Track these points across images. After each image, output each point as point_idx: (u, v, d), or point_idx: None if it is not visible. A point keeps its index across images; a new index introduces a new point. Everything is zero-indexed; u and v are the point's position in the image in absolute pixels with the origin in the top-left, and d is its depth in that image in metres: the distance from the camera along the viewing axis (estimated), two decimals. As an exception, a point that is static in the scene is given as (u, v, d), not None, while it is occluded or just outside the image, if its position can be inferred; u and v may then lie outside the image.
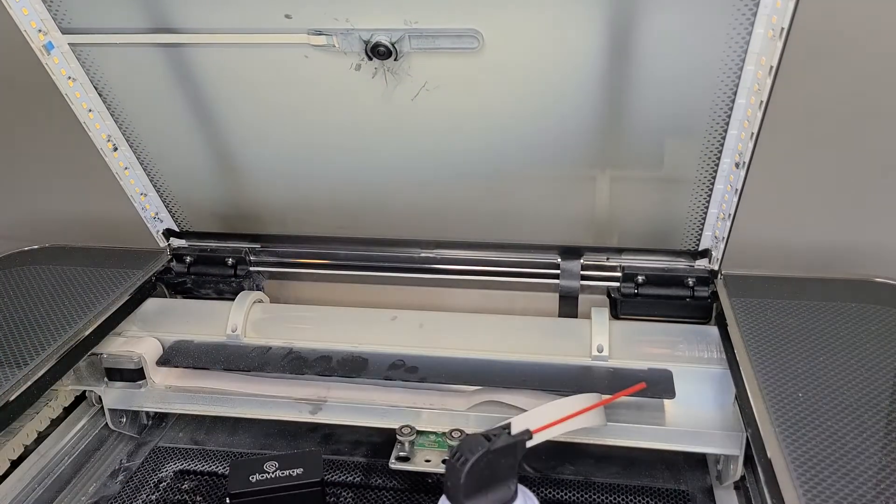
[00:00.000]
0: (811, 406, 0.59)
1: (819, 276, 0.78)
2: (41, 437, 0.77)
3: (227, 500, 0.63)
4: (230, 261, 0.89)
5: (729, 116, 0.66)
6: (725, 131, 0.68)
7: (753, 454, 0.59)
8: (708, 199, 0.74)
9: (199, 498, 0.74)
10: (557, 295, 0.84)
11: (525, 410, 0.69)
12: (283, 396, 0.77)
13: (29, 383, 0.67)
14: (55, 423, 0.79)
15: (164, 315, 0.86)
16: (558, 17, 0.62)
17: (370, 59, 0.66)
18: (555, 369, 0.74)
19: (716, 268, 0.79)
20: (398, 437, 0.71)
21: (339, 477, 0.75)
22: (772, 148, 0.72)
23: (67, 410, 0.81)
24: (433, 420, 0.73)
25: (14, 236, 0.96)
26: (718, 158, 0.70)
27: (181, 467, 0.78)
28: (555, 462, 0.75)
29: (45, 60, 0.72)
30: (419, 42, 0.65)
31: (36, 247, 0.92)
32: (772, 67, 0.60)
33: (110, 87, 0.75)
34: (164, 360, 0.80)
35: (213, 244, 0.91)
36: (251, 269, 0.90)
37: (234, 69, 0.71)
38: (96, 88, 0.75)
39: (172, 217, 0.89)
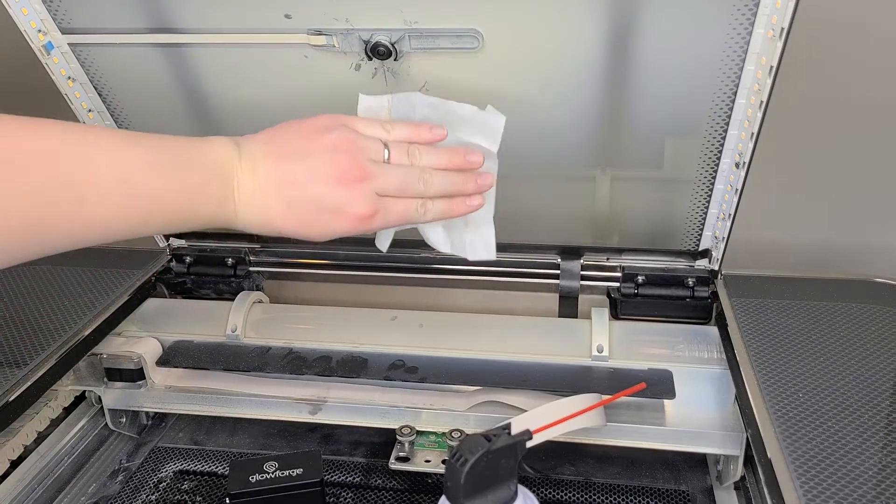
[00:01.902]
0: (811, 406, 0.59)
1: (819, 276, 0.78)
2: (41, 437, 0.77)
3: (227, 501, 0.63)
4: (230, 261, 0.89)
5: (729, 116, 0.66)
6: (725, 131, 0.68)
7: (753, 454, 0.59)
8: (708, 199, 0.74)
9: (198, 498, 0.74)
10: (557, 295, 0.84)
11: (525, 410, 0.69)
12: (283, 396, 0.77)
13: (29, 383, 0.67)
14: (55, 423, 0.79)
15: (164, 315, 0.86)
16: (558, 17, 0.62)
17: (370, 59, 0.66)
18: (555, 369, 0.74)
19: (716, 268, 0.79)
20: (398, 437, 0.71)
21: (339, 477, 0.75)
22: (772, 148, 0.72)
23: (67, 410, 0.81)
24: (433, 420, 0.73)
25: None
26: (718, 158, 0.70)
27: (181, 467, 0.78)
28: (555, 462, 0.75)
29: (45, 60, 0.72)
30: (419, 42, 0.65)
31: (36, 247, 0.92)
32: (772, 67, 0.60)
33: (110, 87, 0.75)
34: (164, 360, 0.80)
35: (212, 244, 0.91)
36: (251, 269, 0.90)
37: (234, 69, 0.71)
38: (96, 88, 0.75)
39: (172, 217, 0.89)
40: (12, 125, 0.45)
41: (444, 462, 0.69)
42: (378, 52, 0.65)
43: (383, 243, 0.68)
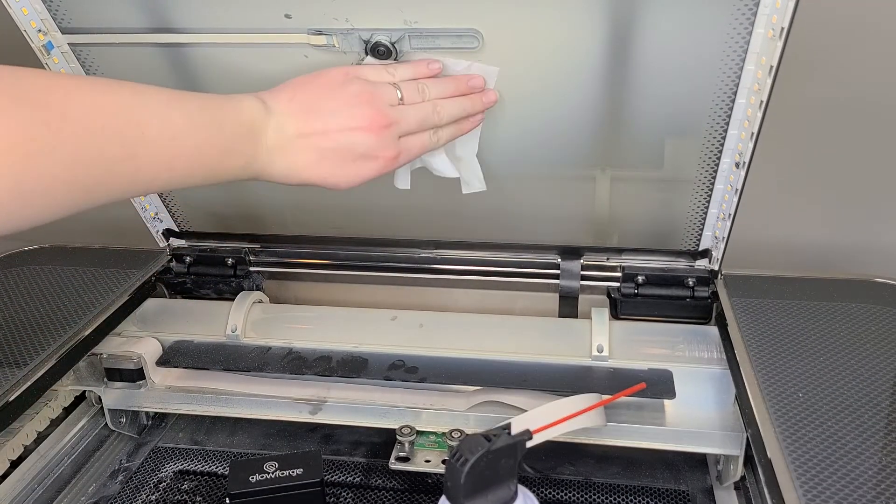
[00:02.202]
0: (811, 406, 0.59)
1: (819, 276, 0.78)
2: (41, 438, 0.77)
3: (227, 501, 0.63)
4: (230, 261, 0.89)
5: (729, 116, 0.66)
6: (725, 131, 0.68)
7: (753, 454, 0.59)
8: (708, 199, 0.74)
9: (199, 498, 0.74)
10: (557, 295, 0.84)
11: (525, 410, 0.69)
12: (283, 396, 0.77)
13: (29, 383, 0.67)
14: (55, 423, 0.79)
15: (164, 315, 0.86)
16: (558, 17, 0.62)
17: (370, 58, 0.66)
18: (555, 369, 0.74)
19: (716, 268, 0.79)
20: (398, 437, 0.71)
21: (339, 477, 0.75)
22: (772, 148, 0.72)
23: (67, 410, 0.81)
24: (433, 420, 0.73)
25: (14, 236, 0.96)
26: (718, 158, 0.70)
27: (181, 467, 0.78)
28: (555, 462, 0.75)
29: (45, 60, 0.72)
30: (419, 42, 0.65)
31: (36, 247, 0.92)
32: (772, 67, 0.60)
33: (110, 87, 0.75)
34: (164, 360, 0.80)
35: (212, 244, 0.91)
36: (251, 269, 0.90)
37: (234, 69, 0.71)
38: (96, 88, 0.75)
39: (172, 217, 0.89)
40: (81, 86, 0.48)
41: (444, 462, 0.69)
42: (378, 51, 0.65)
43: (404, 182, 0.72)
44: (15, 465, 0.73)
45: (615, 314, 0.82)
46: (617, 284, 0.82)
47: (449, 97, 0.63)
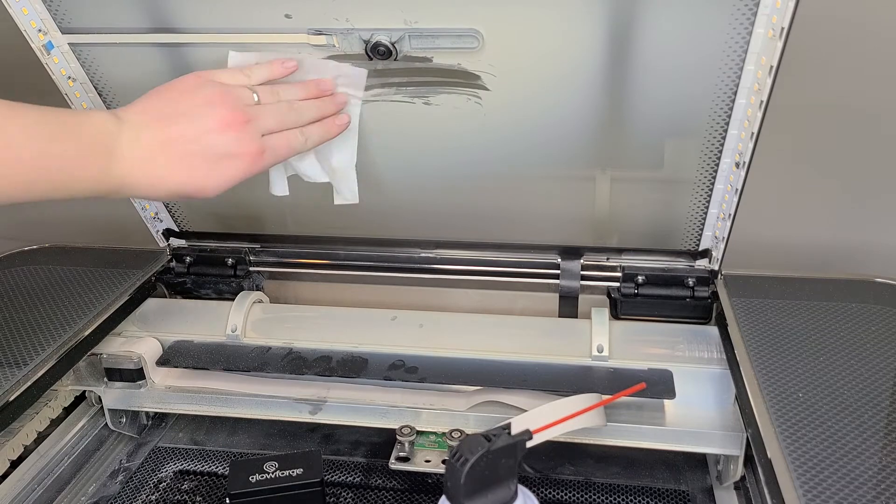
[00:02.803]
0: (811, 406, 0.59)
1: (819, 276, 0.78)
2: (41, 438, 0.77)
3: (227, 501, 0.63)
4: (230, 261, 0.89)
5: (729, 116, 0.66)
6: (725, 131, 0.68)
7: (753, 454, 0.59)
8: (708, 199, 0.74)
9: (198, 498, 0.74)
10: (557, 295, 0.84)
11: (525, 410, 0.69)
12: (283, 396, 0.77)
13: (29, 383, 0.67)
14: (55, 423, 0.79)
15: (164, 315, 0.86)
16: (558, 17, 0.62)
17: (370, 58, 0.66)
18: (555, 369, 0.74)
19: (716, 268, 0.79)
20: (398, 437, 0.71)
21: (339, 477, 0.75)
22: (772, 148, 0.72)
23: (67, 410, 0.81)
24: (433, 420, 0.73)
25: (14, 236, 0.96)
26: (718, 158, 0.70)
27: (181, 467, 0.78)
28: (555, 462, 0.75)
29: (45, 60, 0.72)
30: (419, 42, 0.65)
31: (36, 247, 0.92)
32: (772, 67, 0.60)
33: (110, 87, 0.75)
34: (164, 361, 0.80)
35: (212, 244, 0.91)
36: (251, 269, 0.90)
37: (234, 69, 0.71)
38: (96, 88, 0.75)
39: (172, 217, 0.89)
40: None
41: (444, 462, 0.69)
42: (378, 51, 0.65)
43: (281, 188, 0.73)
44: (15, 465, 0.73)
45: (615, 314, 0.82)
46: (617, 284, 0.82)
47: (303, 98, 0.65)
